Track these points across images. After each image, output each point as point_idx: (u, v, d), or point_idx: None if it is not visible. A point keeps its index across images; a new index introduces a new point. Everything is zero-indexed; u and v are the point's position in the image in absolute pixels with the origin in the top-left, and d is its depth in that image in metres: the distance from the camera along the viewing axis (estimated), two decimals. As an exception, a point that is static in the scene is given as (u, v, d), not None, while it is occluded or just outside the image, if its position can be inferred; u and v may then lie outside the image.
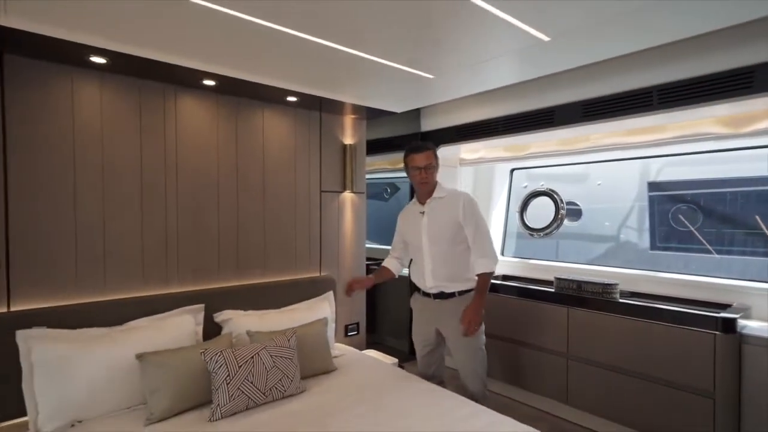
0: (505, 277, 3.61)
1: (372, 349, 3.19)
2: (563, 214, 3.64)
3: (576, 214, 3.71)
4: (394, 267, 2.59)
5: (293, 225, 2.91)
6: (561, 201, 3.66)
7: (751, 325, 2.27)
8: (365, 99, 2.80)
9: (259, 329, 2.33)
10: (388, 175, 5.13)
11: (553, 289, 3.04)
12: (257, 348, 2.06)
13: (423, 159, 2.32)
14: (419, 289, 2.44)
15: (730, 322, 2.15)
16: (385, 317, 4.53)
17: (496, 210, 4.07)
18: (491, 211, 4.06)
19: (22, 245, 1.96)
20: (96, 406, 1.87)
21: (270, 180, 2.79)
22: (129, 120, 2.24)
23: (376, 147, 4.25)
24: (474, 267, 2.27)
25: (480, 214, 2.32)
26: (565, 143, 3.21)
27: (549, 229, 3.69)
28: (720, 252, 2.88)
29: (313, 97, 2.67)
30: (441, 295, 2.32)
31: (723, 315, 2.20)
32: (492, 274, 2.27)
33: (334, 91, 2.63)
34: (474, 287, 2.28)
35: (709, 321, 2.22)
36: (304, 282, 2.88)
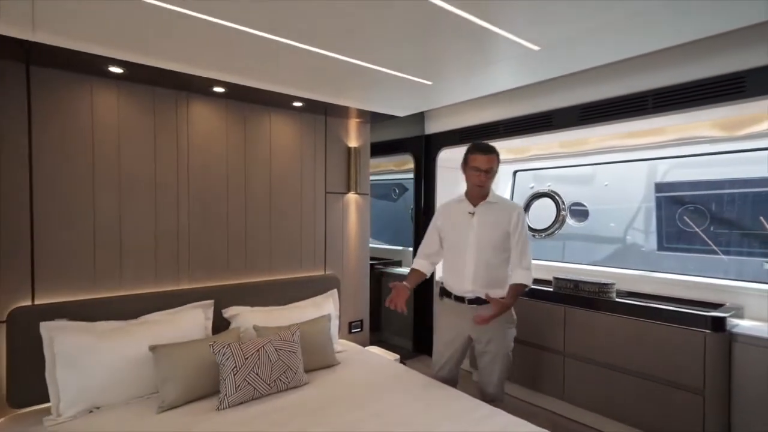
0: (507, 277, 3.67)
1: (375, 346, 3.28)
2: (564, 215, 3.70)
3: (583, 214, 3.75)
4: (425, 268, 2.43)
5: (299, 225, 3.02)
6: (562, 202, 3.72)
7: (742, 324, 2.32)
8: (369, 104, 2.89)
9: (266, 324, 2.43)
10: (394, 177, 5.22)
11: (552, 289, 3.10)
12: (263, 342, 2.17)
13: (486, 162, 2.20)
14: (449, 293, 2.34)
15: (719, 320, 2.20)
16: (390, 316, 4.61)
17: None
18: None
19: (45, 244, 2.10)
20: (112, 394, 1.99)
21: (277, 181, 2.90)
22: (144, 125, 2.37)
23: (381, 149, 4.35)
24: (512, 276, 2.25)
25: (527, 228, 2.32)
26: (566, 146, 3.27)
27: (550, 230, 3.75)
28: (727, 253, 2.90)
29: (319, 103, 2.77)
30: (477, 301, 2.23)
31: (713, 314, 2.25)
32: (527, 287, 2.23)
33: (338, 97, 2.72)
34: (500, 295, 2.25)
35: (700, 320, 2.27)
36: (309, 280, 2.98)
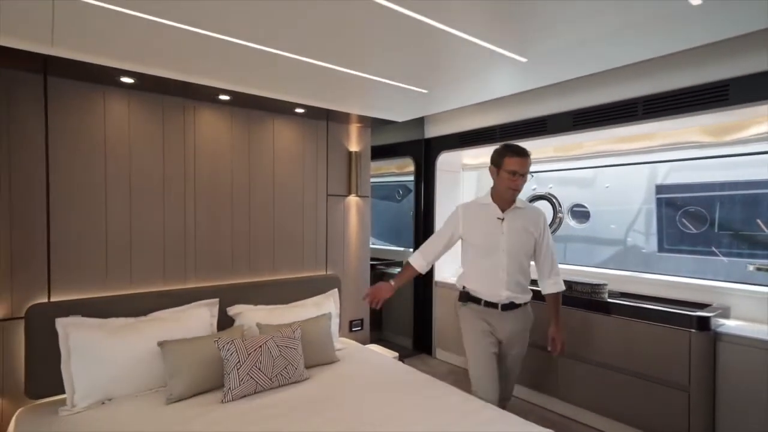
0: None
1: (375, 344, 3.38)
2: (561, 217, 3.78)
3: (584, 216, 3.81)
4: (422, 268, 2.37)
5: (301, 226, 3.12)
6: (559, 205, 3.80)
7: (728, 324, 2.40)
8: (368, 110, 3.00)
9: (269, 322, 2.54)
10: (396, 179, 5.32)
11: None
12: (265, 338, 2.27)
13: (524, 165, 2.11)
14: (477, 299, 2.26)
15: (704, 320, 2.27)
16: (391, 315, 4.71)
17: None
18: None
19: (61, 245, 2.22)
20: (123, 386, 2.11)
21: (279, 184, 3.01)
22: (153, 131, 2.49)
23: (383, 152, 4.46)
24: (546, 285, 2.27)
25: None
26: (560, 150, 3.35)
27: (547, 232, 3.82)
28: (726, 255, 2.95)
29: (320, 109, 2.88)
30: (509, 306, 2.22)
31: (698, 314, 2.33)
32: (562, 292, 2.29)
33: (339, 104, 2.83)
34: (529, 298, 2.28)
35: (685, 319, 2.34)
36: (310, 280, 3.09)
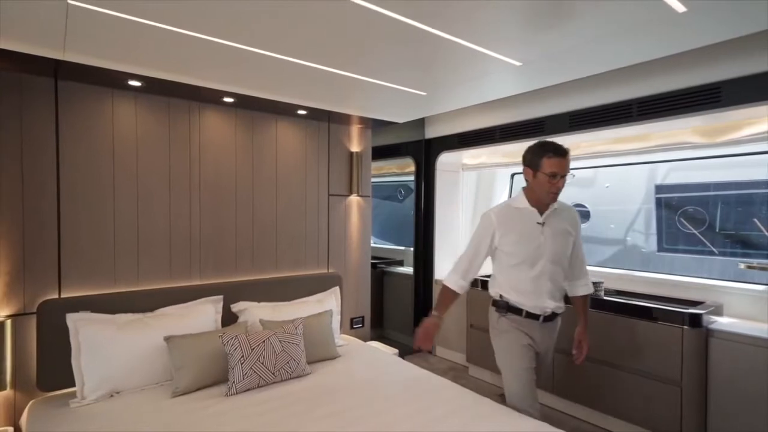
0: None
1: (376, 342, 3.44)
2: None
3: (584, 216, 3.85)
4: (459, 287, 2.07)
5: (303, 225, 3.19)
6: (557, 204, 3.84)
7: (720, 321, 2.45)
8: (369, 111, 3.06)
9: (272, 319, 2.61)
10: (398, 179, 5.38)
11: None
12: (268, 334, 2.34)
13: (564, 165, 1.89)
14: (518, 310, 2.02)
15: (696, 317, 2.33)
16: (392, 313, 4.77)
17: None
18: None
19: (70, 243, 2.29)
20: (131, 380, 2.18)
21: (282, 184, 3.08)
22: (159, 132, 2.56)
23: (384, 152, 4.53)
24: (575, 288, 2.12)
25: None
26: (558, 150, 3.40)
27: (546, 231, 3.87)
28: (725, 254, 2.99)
29: (322, 111, 2.95)
30: (550, 318, 2.03)
31: (690, 311, 2.38)
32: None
33: (340, 105, 2.89)
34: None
35: (678, 317, 2.39)
36: (312, 278, 3.15)
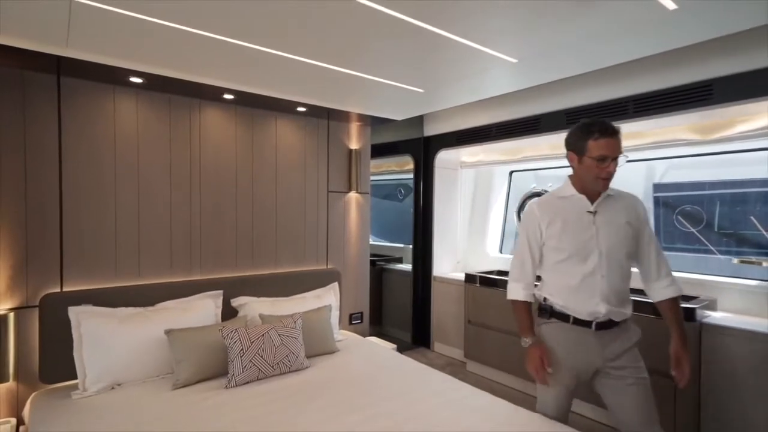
0: (501, 272, 3.84)
1: (374, 337, 3.47)
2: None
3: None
4: (524, 295, 1.87)
5: (303, 222, 3.22)
6: (555, 202, 3.87)
7: (714, 315, 2.48)
8: (368, 108, 3.09)
9: (271, 313, 2.64)
10: (397, 177, 5.41)
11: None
12: (267, 328, 2.37)
13: (614, 146, 1.68)
14: (564, 315, 1.78)
15: (689, 311, 2.35)
16: (390, 310, 4.81)
17: (494, 210, 4.32)
18: (490, 211, 4.30)
19: (72, 238, 2.32)
20: (132, 372, 2.21)
21: (282, 181, 3.11)
22: (160, 129, 2.59)
23: (383, 150, 4.56)
24: (656, 289, 1.77)
25: None
26: (555, 147, 3.44)
27: (543, 228, 3.91)
28: (722, 252, 3.01)
29: (321, 108, 2.98)
30: (607, 325, 1.73)
31: (683, 305, 2.41)
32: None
33: (339, 103, 2.92)
34: (631, 312, 1.78)
35: (671, 310, 2.42)
36: (312, 273, 3.19)
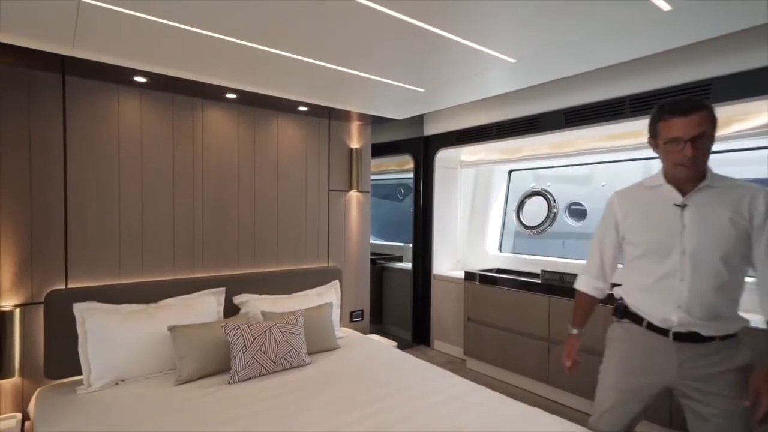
0: (500, 270, 3.88)
1: (375, 335, 3.50)
2: (555, 212, 3.90)
3: (581, 214, 3.92)
4: (591, 288, 1.77)
5: (304, 220, 3.25)
6: (554, 200, 3.91)
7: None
8: (369, 108, 3.12)
9: (273, 310, 2.67)
10: (397, 176, 5.44)
11: (539, 281, 3.29)
12: (269, 324, 2.40)
13: (688, 125, 1.43)
14: (637, 318, 1.61)
15: None
16: (391, 308, 4.84)
17: (494, 209, 4.35)
18: (490, 210, 4.33)
19: (77, 235, 2.35)
20: (135, 368, 2.24)
21: (283, 180, 3.14)
22: (163, 128, 2.62)
23: (383, 149, 4.59)
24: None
25: None
26: (554, 147, 3.47)
27: (543, 226, 3.95)
28: None
29: (322, 107, 3.00)
30: (690, 338, 1.49)
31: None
32: None
33: (340, 102, 2.95)
34: (737, 330, 1.50)
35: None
36: (313, 271, 3.22)
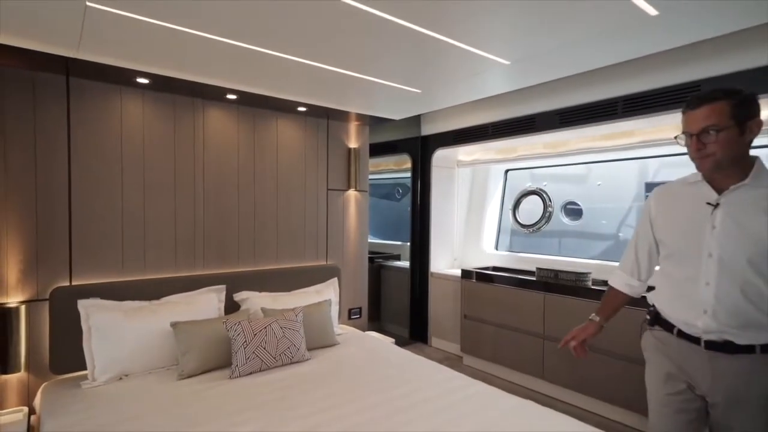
0: (496, 268, 3.94)
1: (373, 332, 3.55)
2: (551, 211, 3.96)
3: (577, 213, 3.98)
4: (624, 285, 1.70)
5: (303, 219, 3.30)
6: (549, 199, 3.97)
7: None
8: (367, 108, 3.17)
9: (272, 307, 2.72)
10: (395, 176, 5.50)
11: (534, 278, 3.36)
12: (269, 320, 2.45)
13: (693, 120, 1.35)
14: (668, 325, 1.52)
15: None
16: (389, 306, 4.89)
17: (490, 208, 4.41)
18: (486, 209, 4.39)
19: (81, 233, 2.40)
20: (138, 363, 2.29)
21: (282, 179, 3.19)
22: (165, 128, 2.67)
23: (381, 149, 4.64)
24: None
25: None
26: (549, 146, 3.53)
27: (538, 225, 4.01)
28: None
29: (321, 108, 3.06)
30: (725, 347, 1.38)
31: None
32: None
33: (339, 103, 3.00)
34: None
35: (659, 303, 2.51)
36: (311, 269, 3.27)
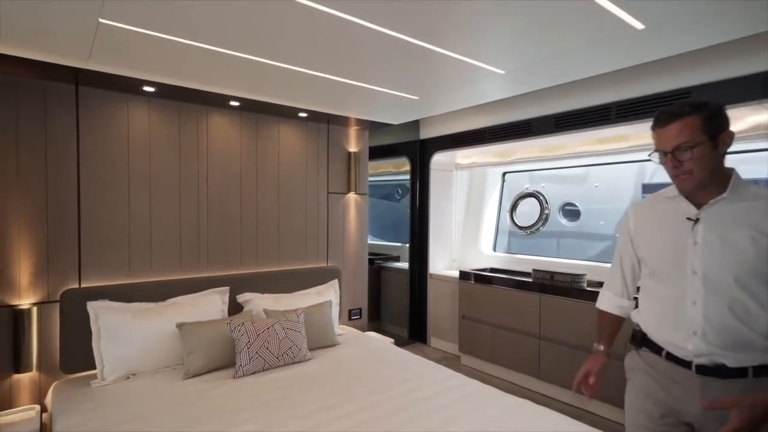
0: (494, 270, 4.00)
1: (373, 332, 3.62)
2: (547, 213, 4.02)
3: (575, 214, 4.04)
4: (613, 307, 1.63)
5: (304, 222, 3.37)
6: (546, 201, 4.04)
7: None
8: (366, 114, 3.24)
9: (275, 309, 2.79)
10: (394, 178, 5.57)
11: (531, 279, 3.42)
12: (272, 321, 2.52)
13: (665, 137, 1.29)
14: (656, 347, 1.43)
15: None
16: (388, 306, 4.96)
17: (488, 210, 4.48)
18: (484, 211, 4.46)
19: (90, 237, 2.47)
20: (145, 363, 2.37)
21: (284, 183, 3.26)
22: (170, 134, 2.74)
23: (381, 152, 4.72)
24: None
25: None
26: (545, 150, 3.60)
27: (535, 227, 4.07)
28: None
29: (322, 113, 3.13)
30: (717, 372, 1.27)
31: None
32: None
33: (339, 109, 3.07)
34: None
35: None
36: (313, 271, 3.34)
